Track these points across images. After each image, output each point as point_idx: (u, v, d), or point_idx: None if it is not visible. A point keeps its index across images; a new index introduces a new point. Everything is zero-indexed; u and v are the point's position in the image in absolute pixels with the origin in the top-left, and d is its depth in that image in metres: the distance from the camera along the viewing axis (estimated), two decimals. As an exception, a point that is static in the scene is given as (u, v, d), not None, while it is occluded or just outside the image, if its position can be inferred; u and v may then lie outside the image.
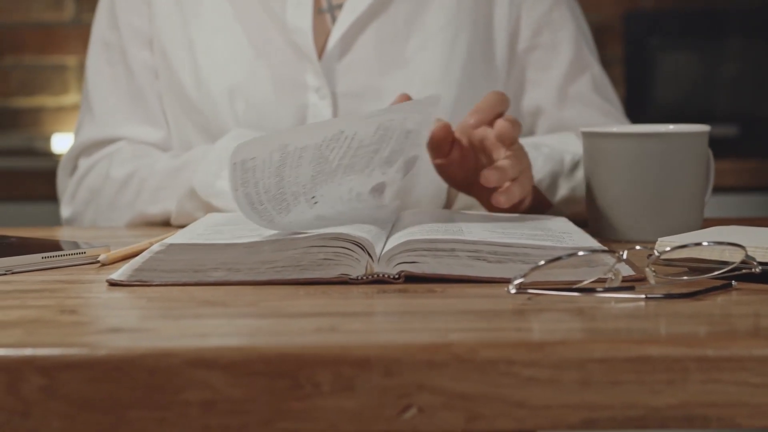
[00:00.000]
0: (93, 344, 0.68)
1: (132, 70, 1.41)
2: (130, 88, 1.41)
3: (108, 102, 1.41)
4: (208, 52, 1.37)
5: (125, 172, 1.36)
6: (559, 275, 0.84)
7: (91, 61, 1.44)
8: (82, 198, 1.40)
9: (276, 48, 1.37)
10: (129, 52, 1.41)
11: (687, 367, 0.67)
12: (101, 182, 1.38)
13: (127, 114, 1.41)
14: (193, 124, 1.39)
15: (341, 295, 0.84)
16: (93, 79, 1.43)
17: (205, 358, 0.67)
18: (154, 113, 1.41)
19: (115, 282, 0.88)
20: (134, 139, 1.40)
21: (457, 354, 0.67)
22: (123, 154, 1.39)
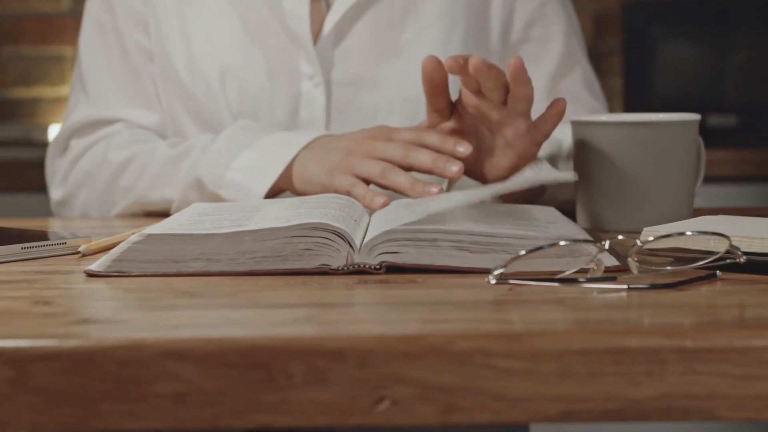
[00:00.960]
0: (63, 336, 0.67)
1: (128, 51, 1.39)
2: (126, 70, 1.40)
3: (103, 83, 1.40)
4: (203, 36, 1.36)
5: (124, 156, 1.34)
6: (542, 265, 0.83)
7: (84, 43, 1.42)
8: (75, 180, 1.38)
9: (270, 33, 1.36)
10: (125, 34, 1.39)
11: (666, 358, 0.66)
12: (98, 165, 1.36)
13: (122, 96, 1.39)
14: (185, 109, 1.38)
15: (321, 285, 0.83)
16: (87, 61, 1.41)
17: (177, 349, 0.66)
18: (149, 96, 1.40)
19: (93, 273, 0.87)
20: (131, 121, 1.39)
21: (433, 345, 0.66)
22: (121, 138, 1.37)
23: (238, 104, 1.35)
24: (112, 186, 1.35)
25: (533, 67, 1.42)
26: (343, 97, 1.36)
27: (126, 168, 1.33)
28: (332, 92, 1.36)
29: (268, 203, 1.05)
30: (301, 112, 1.35)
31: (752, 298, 0.77)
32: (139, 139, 1.37)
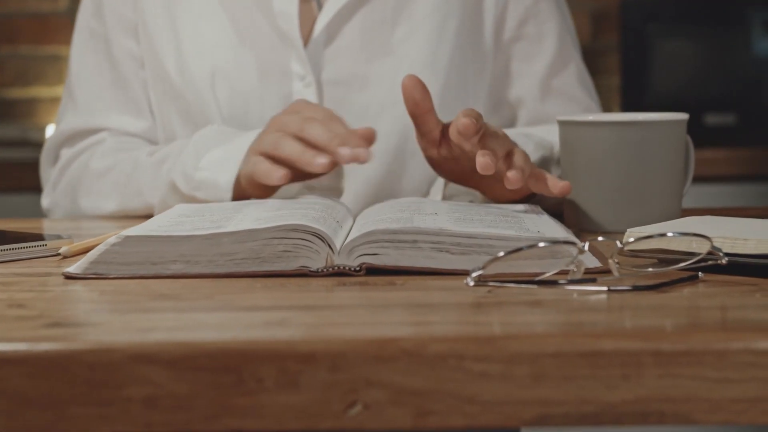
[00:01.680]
0: (34, 339, 0.66)
1: (116, 59, 1.39)
2: (114, 77, 1.40)
3: (91, 91, 1.40)
4: (193, 37, 1.36)
5: (105, 164, 1.35)
6: (524, 267, 0.83)
7: (75, 50, 1.42)
8: (62, 190, 1.39)
9: (261, 34, 1.35)
10: (113, 41, 1.39)
11: (643, 361, 0.65)
12: (81, 174, 1.37)
13: (109, 103, 1.39)
14: (177, 112, 1.37)
15: (300, 288, 0.82)
16: (76, 68, 1.42)
17: (147, 353, 0.65)
18: (137, 103, 1.40)
19: (71, 275, 0.86)
20: (116, 129, 1.39)
21: (406, 348, 0.65)
22: (105, 146, 1.37)
23: (228, 105, 1.34)
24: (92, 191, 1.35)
25: (527, 66, 1.41)
26: (335, 96, 1.35)
27: (106, 175, 1.34)
28: (323, 92, 1.35)
29: (250, 205, 1.04)
30: None
31: (734, 299, 0.77)
32: (122, 147, 1.37)
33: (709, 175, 2.34)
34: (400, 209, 0.99)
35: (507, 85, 1.41)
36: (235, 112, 1.34)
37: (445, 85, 1.36)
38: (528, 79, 1.41)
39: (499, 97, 1.42)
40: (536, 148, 1.23)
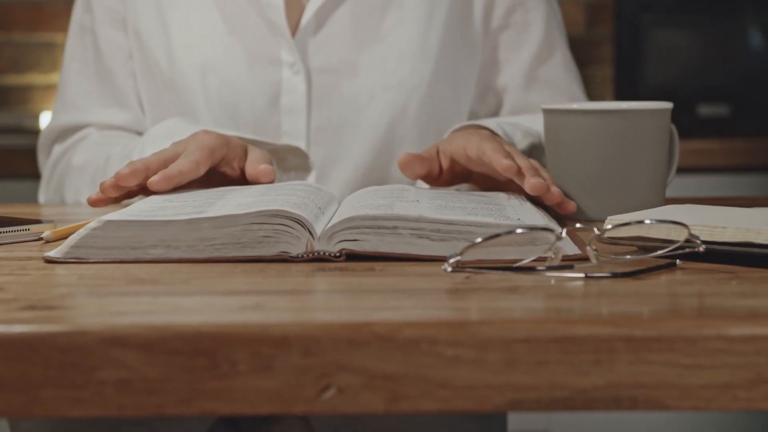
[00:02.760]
0: (7, 321, 0.66)
1: (101, 51, 1.40)
2: (99, 69, 1.40)
3: (79, 86, 1.42)
4: (181, 28, 1.36)
5: (84, 159, 1.37)
6: (503, 253, 0.83)
7: (68, 45, 1.44)
8: (53, 186, 1.42)
9: (249, 24, 1.35)
10: (100, 35, 1.40)
11: (614, 347, 0.66)
12: (65, 170, 1.39)
13: (95, 97, 1.41)
14: (166, 103, 1.37)
15: (279, 273, 0.82)
16: (67, 63, 1.44)
17: (120, 336, 0.65)
18: (123, 95, 1.40)
19: (51, 259, 0.86)
20: (102, 123, 1.40)
21: (379, 333, 0.66)
22: (86, 143, 1.39)
23: (217, 95, 1.34)
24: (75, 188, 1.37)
25: (513, 54, 1.41)
26: (324, 84, 1.35)
27: (84, 170, 1.36)
28: (313, 79, 1.35)
29: (233, 190, 1.04)
30: (282, 99, 1.35)
31: (710, 287, 0.77)
32: (104, 141, 1.38)
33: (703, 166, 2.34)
34: (382, 196, 0.99)
35: (494, 73, 1.42)
36: (224, 102, 1.34)
37: (434, 73, 1.36)
38: (514, 68, 1.41)
39: (486, 85, 1.42)
40: (524, 136, 1.23)
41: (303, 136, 1.35)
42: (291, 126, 1.35)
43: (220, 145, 1.12)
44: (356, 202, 0.96)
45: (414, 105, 1.36)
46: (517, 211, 0.95)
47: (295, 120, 1.35)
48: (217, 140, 1.12)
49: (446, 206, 0.94)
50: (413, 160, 1.12)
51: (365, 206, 0.92)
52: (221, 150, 1.12)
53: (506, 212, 0.94)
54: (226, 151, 1.13)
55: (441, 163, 1.14)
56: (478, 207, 0.95)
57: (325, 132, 1.35)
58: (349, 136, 1.35)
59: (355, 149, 1.35)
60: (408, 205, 0.93)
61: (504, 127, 1.23)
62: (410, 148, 1.36)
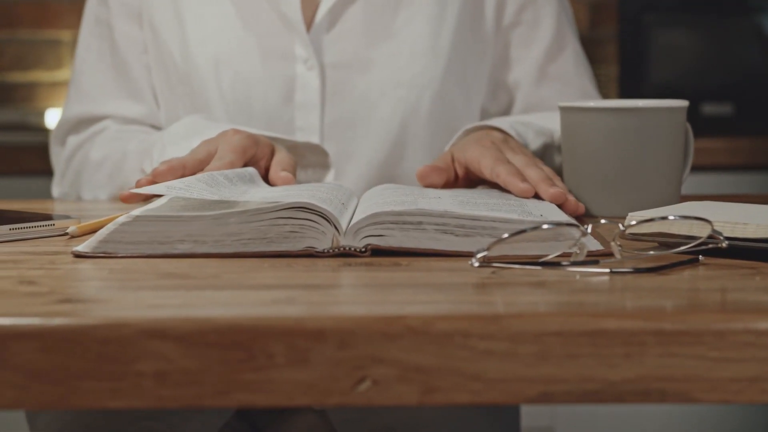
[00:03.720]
0: (46, 314, 0.67)
1: (117, 44, 1.41)
2: (115, 62, 1.41)
3: (94, 78, 1.42)
4: (196, 23, 1.37)
5: (101, 154, 1.37)
6: (527, 249, 0.84)
7: (82, 37, 1.45)
8: (69, 180, 1.43)
9: (264, 19, 1.36)
10: (116, 27, 1.41)
11: (644, 341, 0.67)
12: (83, 164, 1.39)
13: (111, 90, 1.41)
14: (180, 97, 1.38)
15: (306, 268, 0.83)
16: (81, 55, 1.44)
17: (158, 328, 0.66)
18: (138, 87, 1.41)
19: (80, 254, 0.87)
20: (118, 115, 1.41)
21: (412, 326, 0.67)
22: (104, 137, 1.40)
23: (231, 89, 1.35)
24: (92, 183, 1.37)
25: (524, 51, 1.42)
26: (338, 79, 1.36)
27: (102, 165, 1.36)
28: (326, 75, 1.36)
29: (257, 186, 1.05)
30: (296, 95, 1.36)
31: (733, 282, 0.78)
32: (120, 136, 1.38)
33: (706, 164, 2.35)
34: (403, 193, 1.00)
35: (505, 70, 1.43)
36: (238, 97, 1.35)
37: (446, 70, 1.38)
38: (525, 64, 1.42)
39: (497, 82, 1.43)
40: (536, 135, 1.24)
41: (316, 131, 1.36)
42: (304, 121, 1.36)
43: (250, 145, 1.14)
44: (378, 199, 0.97)
45: (426, 102, 1.37)
46: (538, 208, 0.96)
47: (308, 115, 1.36)
48: (248, 140, 1.14)
49: (468, 202, 0.95)
50: (431, 171, 1.14)
51: (389, 202, 0.93)
52: (251, 150, 1.14)
53: (527, 208, 0.95)
54: (255, 151, 1.15)
55: (456, 171, 1.16)
56: (499, 203, 0.96)
57: (338, 128, 1.36)
58: (362, 131, 1.36)
59: (367, 145, 1.37)
60: (431, 201, 0.94)
61: (516, 127, 1.24)
62: (422, 144, 1.37)
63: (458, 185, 1.16)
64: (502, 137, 1.17)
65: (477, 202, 0.95)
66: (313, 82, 1.35)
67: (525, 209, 0.94)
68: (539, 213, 0.93)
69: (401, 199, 0.95)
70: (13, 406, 0.66)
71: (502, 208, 0.92)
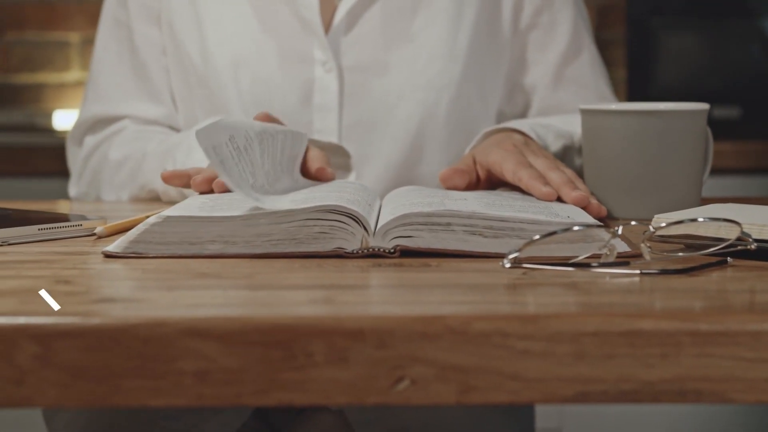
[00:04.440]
0: (87, 313, 0.68)
1: (137, 46, 1.41)
2: (134, 64, 1.42)
3: (112, 78, 1.43)
4: (215, 26, 1.38)
5: (122, 154, 1.37)
6: (555, 251, 0.84)
7: (100, 38, 1.45)
8: (87, 180, 1.43)
9: (283, 21, 1.37)
10: (135, 29, 1.41)
11: (680, 341, 0.67)
12: (101, 164, 1.40)
13: (130, 91, 1.42)
14: (199, 99, 1.39)
15: (336, 268, 0.84)
16: (100, 56, 1.44)
17: (199, 327, 0.67)
18: (157, 89, 1.42)
19: (110, 254, 0.88)
20: (136, 116, 1.41)
21: (451, 326, 0.67)
22: (123, 137, 1.40)
23: (250, 92, 1.36)
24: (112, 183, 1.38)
25: (541, 54, 1.43)
26: (356, 82, 1.37)
27: (122, 166, 1.36)
28: (344, 78, 1.37)
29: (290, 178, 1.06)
30: (314, 97, 1.36)
31: (763, 283, 0.78)
32: (140, 136, 1.39)
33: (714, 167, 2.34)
34: (429, 194, 1.01)
35: (522, 73, 1.44)
36: (256, 99, 1.36)
37: (463, 73, 1.38)
38: (542, 67, 1.43)
39: (514, 84, 1.44)
40: (556, 137, 1.25)
41: (335, 134, 1.37)
42: (323, 124, 1.37)
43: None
44: (405, 200, 0.97)
45: (443, 104, 1.38)
46: (564, 210, 0.97)
47: (326, 118, 1.36)
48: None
49: (494, 204, 0.96)
50: (453, 174, 1.15)
51: (416, 204, 0.93)
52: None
53: (554, 210, 0.95)
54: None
55: (478, 173, 1.16)
56: (525, 205, 0.97)
57: (356, 130, 1.37)
58: (380, 134, 1.37)
59: (385, 147, 1.37)
60: (457, 203, 0.95)
61: (536, 129, 1.24)
62: (440, 146, 1.38)
63: (480, 187, 1.17)
64: (523, 140, 1.18)
65: (503, 204, 0.96)
66: (331, 85, 1.36)
67: (551, 211, 0.95)
68: (566, 215, 0.93)
69: (428, 201, 0.95)
70: (55, 405, 0.67)
71: (529, 210, 0.93)
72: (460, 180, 1.15)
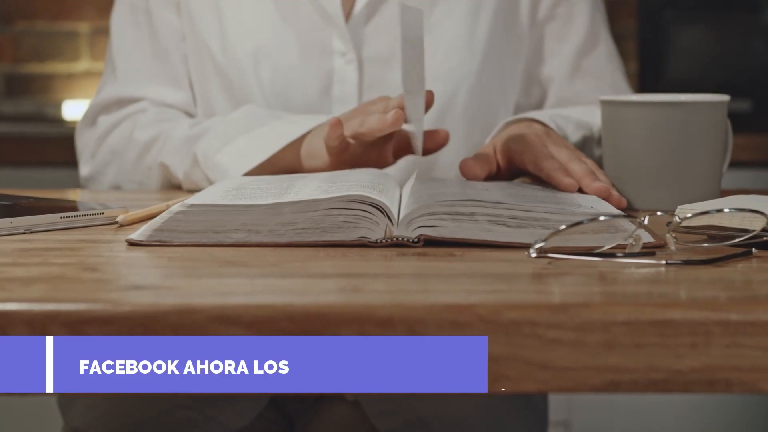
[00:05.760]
0: (117, 300, 0.68)
1: (157, 31, 1.40)
2: (155, 49, 1.41)
3: (132, 62, 1.41)
4: (235, 16, 1.37)
5: (149, 135, 1.36)
6: (579, 241, 0.84)
7: (115, 23, 1.43)
8: (103, 159, 1.40)
9: (302, 12, 1.37)
10: (155, 14, 1.40)
11: (710, 331, 0.67)
12: (124, 144, 1.38)
13: (150, 75, 1.41)
14: (217, 88, 1.39)
15: (361, 257, 0.84)
16: (118, 40, 1.43)
17: (229, 315, 0.67)
18: (177, 75, 1.41)
19: (134, 242, 0.88)
20: (156, 99, 1.40)
21: (481, 315, 0.67)
22: (147, 117, 1.38)
23: (270, 83, 1.36)
24: (138, 165, 1.36)
25: (558, 46, 1.43)
26: (375, 73, 1.37)
27: (151, 147, 1.35)
28: (364, 68, 1.37)
29: (305, 177, 1.06)
30: (334, 88, 1.36)
31: (789, 275, 0.78)
32: (164, 117, 1.38)
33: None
34: (451, 185, 1.01)
35: (539, 65, 1.44)
36: (277, 90, 1.36)
37: (481, 65, 1.38)
38: (559, 59, 1.43)
39: (531, 76, 1.44)
40: (576, 128, 1.25)
41: (353, 125, 1.36)
42: None
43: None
44: (427, 191, 0.97)
45: (462, 96, 1.37)
46: (587, 200, 0.97)
47: (345, 109, 1.36)
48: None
49: (517, 194, 0.95)
50: (474, 163, 1.14)
51: (439, 194, 0.93)
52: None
53: (577, 201, 0.95)
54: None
55: (498, 163, 1.16)
56: (548, 195, 0.97)
57: None
58: (398, 125, 1.37)
59: (403, 138, 1.37)
60: (480, 193, 0.95)
61: (556, 120, 1.24)
62: (458, 137, 1.38)
63: (500, 177, 1.17)
64: (544, 130, 1.18)
65: (525, 194, 0.96)
66: (350, 76, 1.36)
67: (574, 201, 0.94)
68: (589, 205, 0.93)
69: (451, 191, 0.95)
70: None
71: (552, 201, 0.93)
72: (480, 169, 1.14)
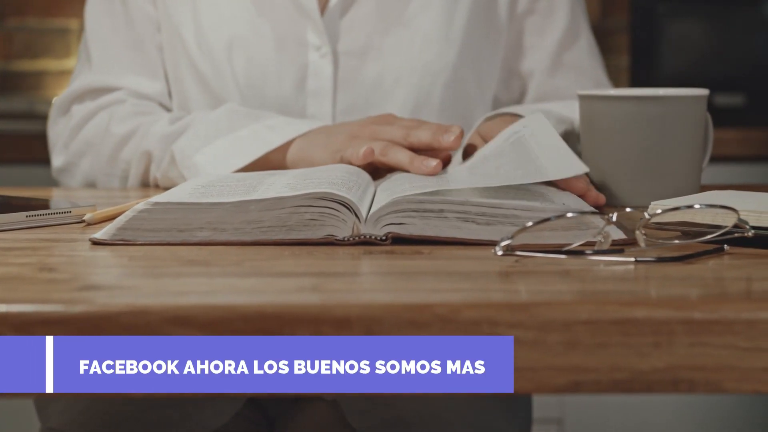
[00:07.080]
0: (69, 301, 0.67)
1: (133, 20, 1.39)
2: (130, 38, 1.39)
3: (107, 52, 1.39)
4: (211, 8, 1.36)
5: (127, 128, 1.33)
6: (549, 238, 0.83)
7: (90, 13, 1.41)
8: (77, 149, 1.37)
9: (278, 4, 1.36)
10: (130, 3, 1.39)
11: (674, 330, 0.66)
12: (100, 136, 1.35)
13: (125, 64, 1.39)
14: (192, 79, 1.37)
15: (327, 256, 0.82)
16: (92, 29, 1.41)
17: (182, 315, 0.66)
18: (153, 65, 1.39)
19: (98, 241, 0.86)
20: (132, 89, 1.38)
21: (440, 314, 0.66)
22: (124, 109, 1.36)
23: (244, 75, 1.34)
24: (114, 158, 1.35)
25: (538, 40, 1.42)
26: (350, 67, 1.36)
27: (128, 141, 1.33)
28: (339, 62, 1.36)
29: (276, 173, 1.05)
30: (309, 82, 1.35)
31: (759, 271, 0.77)
32: (142, 111, 1.36)
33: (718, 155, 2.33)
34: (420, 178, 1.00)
35: (518, 58, 1.42)
36: (251, 83, 1.34)
37: (458, 57, 1.37)
38: (539, 53, 1.42)
39: (510, 70, 1.43)
40: (558, 123, 1.23)
41: (328, 119, 1.35)
42: (316, 109, 1.35)
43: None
44: (396, 187, 0.96)
45: (438, 89, 1.36)
46: (559, 196, 0.95)
47: (320, 103, 1.35)
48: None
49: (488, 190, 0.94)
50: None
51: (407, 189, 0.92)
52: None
53: (549, 196, 0.94)
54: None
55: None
56: (518, 191, 0.95)
57: (350, 115, 1.36)
58: (374, 119, 1.36)
59: (380, 132, 1.36)
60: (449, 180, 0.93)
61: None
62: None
63: None
64: None
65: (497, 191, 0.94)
66: (325, 70, 1.34)
67: (546, 197, 0.93)
68: (561, 201, 0.92)
69: (419, 184, 0.94)
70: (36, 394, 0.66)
71: (524, 197, 0.92)
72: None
